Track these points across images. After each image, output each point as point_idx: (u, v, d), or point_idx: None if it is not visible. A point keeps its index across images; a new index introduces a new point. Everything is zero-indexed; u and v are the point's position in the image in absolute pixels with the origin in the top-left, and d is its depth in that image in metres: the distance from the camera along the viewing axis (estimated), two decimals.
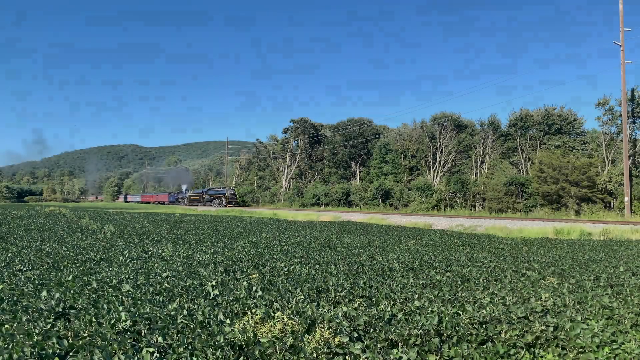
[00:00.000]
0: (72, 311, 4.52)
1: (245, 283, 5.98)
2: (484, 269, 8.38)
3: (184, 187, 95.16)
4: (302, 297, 5.33)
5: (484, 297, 5.50)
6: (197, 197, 78.65)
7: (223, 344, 3.40)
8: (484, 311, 4.61)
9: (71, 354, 3.19)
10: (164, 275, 6.77)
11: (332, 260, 9.25)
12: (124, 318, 3.96)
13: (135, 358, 3.15)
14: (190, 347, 3.41)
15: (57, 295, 4.92)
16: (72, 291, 5.53)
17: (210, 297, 5.26)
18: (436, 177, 54.66)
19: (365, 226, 23.60)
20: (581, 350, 4.00)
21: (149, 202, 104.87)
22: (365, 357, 3.47)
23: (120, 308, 4.45)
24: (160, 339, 3.54)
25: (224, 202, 68.68)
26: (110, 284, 6.08)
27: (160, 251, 10.22)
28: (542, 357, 3.93)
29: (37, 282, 6.25)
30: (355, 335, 3.84)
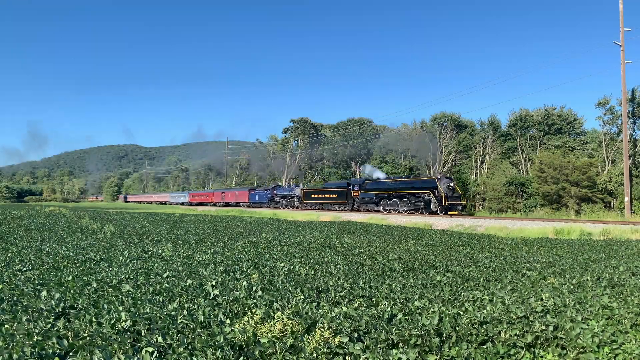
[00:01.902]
0: (72, 311, 4.52)
1: (245, 283, 5.97)
2: (484, 269, 8.38)
3: (284, 182, 68.80)
4: (302, 297, 5.32)
5: (484, 297, 5.50)
6: (334, 195, 43.64)
7: (223, 344, 3.40)
8: (484, 311, 4.61)
9: (71, 354, 3.19)
10: (164, 275, 6.77)
11: (332, 260, 9.25)
12: (124, 318, 3.96)
13: (135, 358, 3.15)
14: (190, 347, 3.41)
15: (57, 295, 4.91)
16: (72, 291, 5.52)
17: (210, 297, 5.26)
18: None
19: (365, 226, 23.58)
20: (581, 350, 4.00)
21: (203, 204, 70.67)
22: (365, 357, 3.46)
23: (120, 308, 4.45)
24: (160, 339, 3.54)
25: (432, 206, 32.58)
26: (110, 284, 6.07)
27: (160, 251, 10.22)
28: (542, 357, 3.93)
29: (37, 282, 6.24)
30: (356, 335, 3.83)
